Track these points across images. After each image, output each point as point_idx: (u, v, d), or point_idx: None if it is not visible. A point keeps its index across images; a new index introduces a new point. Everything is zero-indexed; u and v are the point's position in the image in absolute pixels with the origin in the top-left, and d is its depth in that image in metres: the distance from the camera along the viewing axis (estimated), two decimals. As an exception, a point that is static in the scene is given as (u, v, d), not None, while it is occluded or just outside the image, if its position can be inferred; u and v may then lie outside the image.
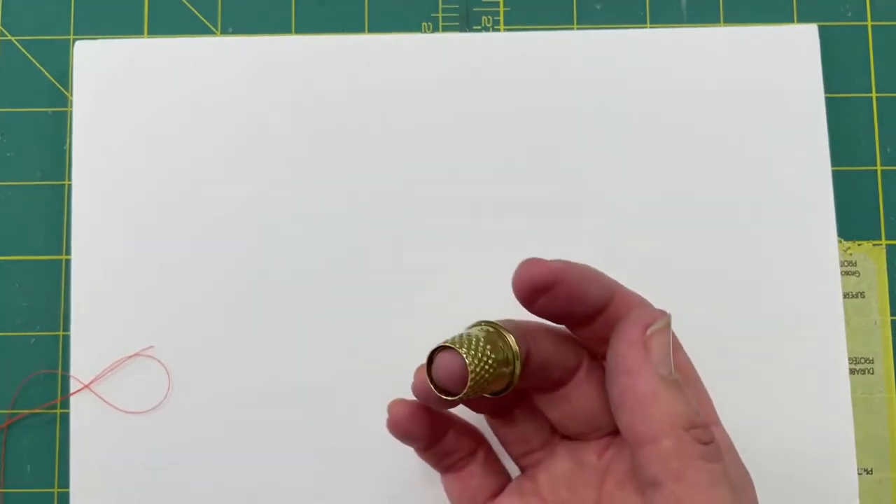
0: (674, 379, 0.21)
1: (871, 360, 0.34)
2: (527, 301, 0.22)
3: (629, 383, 0.21)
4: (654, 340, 0.21)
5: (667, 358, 0.21)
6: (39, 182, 0.36)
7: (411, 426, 0.25)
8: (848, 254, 0.35)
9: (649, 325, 0.21)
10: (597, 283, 0.22)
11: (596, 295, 0.22)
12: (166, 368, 0.33)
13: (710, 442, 0.20)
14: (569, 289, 0.21)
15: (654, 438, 0.20)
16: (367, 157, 0.35)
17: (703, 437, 0.20)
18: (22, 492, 0.34)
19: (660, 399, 0.20)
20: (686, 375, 0.23)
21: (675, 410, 0.20)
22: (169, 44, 0.36)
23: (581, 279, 0.22)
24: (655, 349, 0.21)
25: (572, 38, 0.36)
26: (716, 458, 0.20)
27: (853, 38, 0.37)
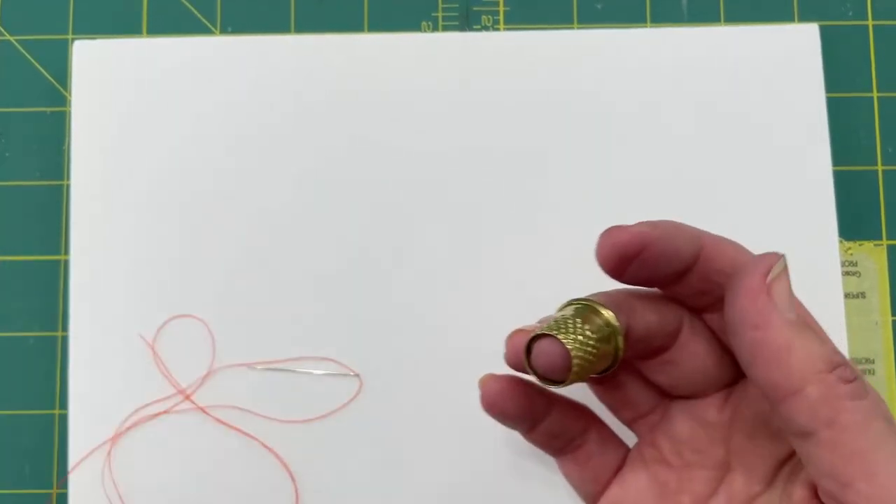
0: (802, 322, 0.20)
1: (872, 360, 0.34)
2: (616, 272, 0.21)
3: (759, 337, 0.19)
4: (777, 286, 0.20)
5: (791, 302, 0.20)
6: (38, 182, 0.36)
7: (507, 403, 0.23)
8: (849, 254, 0.35)
9: (767, 271, 0.20)
10: (683, 238, 0.21)
11: (685, 250, 0.21)
12: (167, 368, 0.33)
13: (855, 379, 0.19)
14: (658, 250, 0.20)
15: (798, 389, 0.19)
16: (367, 157, 0.35)
17: (847, 374, 0.19)
18: (21, 492, 0.34)
19: (794, 347, 0.19)
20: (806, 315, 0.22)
21: (813, 354, 0.19)
22: (168, 43, 0.36)
23: (667, 237, 0.21)
24: (779, 295, 0.20)
25: (572, 37, 0.36)
26: (863, 393, 0.19)
27: (854, 37, 0.37)
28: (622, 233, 0.20)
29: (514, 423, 0.24)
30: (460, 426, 0.33)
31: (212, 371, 0.33)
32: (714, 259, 0.21)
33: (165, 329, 0.34)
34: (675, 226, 0.21)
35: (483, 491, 0.33)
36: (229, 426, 0.33)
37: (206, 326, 0.34)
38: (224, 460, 0.33)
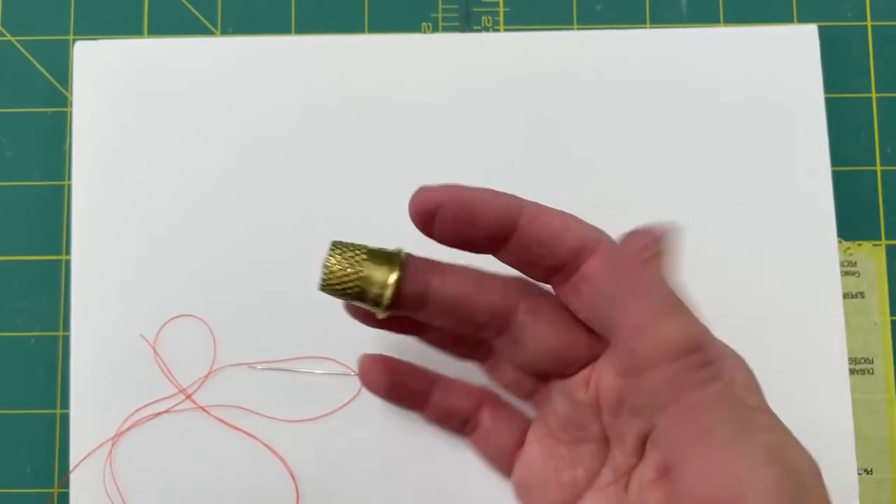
0: (668, 302, 0.20)
1: (870, 360, 0.34)
2: (422, 229, 0.23)
3: (618, 314, 0.20)
4: (649, 264, 0.21)
5: (660, 281, 0.21)
6: (39, 182, 0.36)
7: (379, 378, 0.25)
8: (848, 254, 0.35)
9: (643, 248, 0.21)
10: (492, 204, 0.22)
11: (491, 216, 0.22)
12: (168, 368, 0.33)
13: (708, 363, 0.20)
14: (454, 212, 0.22)
15: (646, 369, 0.20)
16: (367, 157, 0.35)
17: (699, 359, 0.20)
18: (23, 492, 0.34)
19: (650, 328, 0.20)
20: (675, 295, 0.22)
21: (667, 337, 0.20)
22: (169, 44, 0.36)
23: (469, 201, 0.22)
24: (649, 273, 0.21)
25: (572, 38, 0.36)
26: (712, 378, 0.20)
27: (853, 38, 0.37)
28: (421, 192, 0.22)
29: (393, 399, 0.26)
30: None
31: (212, 371, 0.33)
32: (533, 229, 0.22)
33: (166, 329, 0.34)
34: (487, 192, 0.22)
35: (483, 491, 0.33)
36: (230, 426, 0.33)
37: (207, 326, 0.34)
38: (224, 460, 0.33)
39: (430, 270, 0.23)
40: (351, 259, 0.23)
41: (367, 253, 0.23)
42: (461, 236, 0.22)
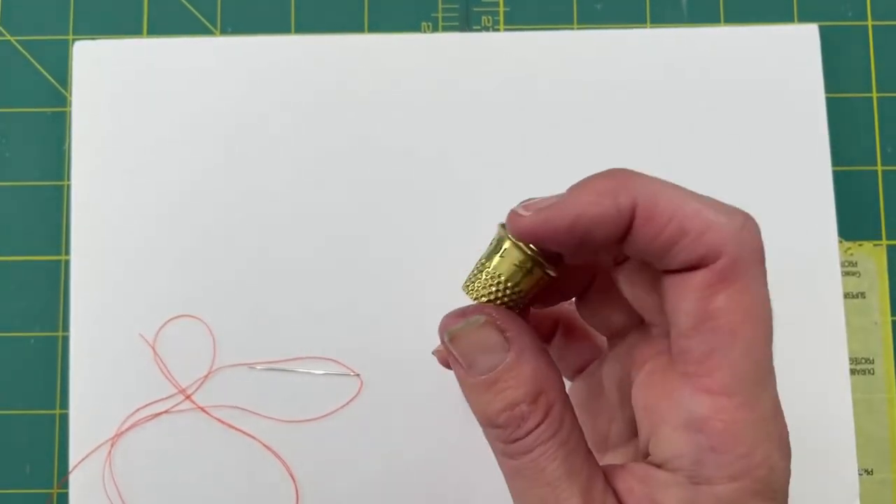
0: (477, 381, 0.20)
1: (871, 360, 0.34)
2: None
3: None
4: (453, 343, 0.21)
5: (470, 356, 0.21)
6: (39, 182, 0.36)
7: None
8: (848, 254, 0.35)
9: (446, 328, 0.21)
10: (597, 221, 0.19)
11: (602, 233, 0.19)
12: (167, 368, 0.33)
13: (516, 440, 0.20)
14: (558, 242, 0.20)
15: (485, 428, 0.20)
16: (367, 157, 0.35)
17: (505, 436, 0.20)
18: (22, 492, 0.34)
19: (470, 402, 0.20)
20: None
21: (478, 413, 0.20)
22: (168, 44, 0.36)
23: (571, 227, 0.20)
24: (456, 352, 0.21)
25: (572, 37, 0.36)
26: (517, 453, 0.20)
27: (854, 37, 0.37)
28: (513, 223, 0.21)
29: None
30: (460, 426, 0.33)
31: (212, 371, 0.33)
32: (643, 236, 0.19)
33: (166, 329, 0.34)
34: (591, 203, 0.20)
35: (483, 491, 0.33)
36: (229, 426, 0.33)
37: (207, 326, 0.34)
38: (224, 460, 0.33)
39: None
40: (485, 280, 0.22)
41: (486, 259, 0.22)
42: (577, 258, 0.22)
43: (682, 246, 0.19)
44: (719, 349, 0.19)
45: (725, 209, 0.20)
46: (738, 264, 0.19)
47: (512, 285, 0.21)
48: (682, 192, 0.20)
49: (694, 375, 0.19)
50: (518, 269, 0.21)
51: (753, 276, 0.19)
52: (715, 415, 0.18)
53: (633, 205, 0.19)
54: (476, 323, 0.21)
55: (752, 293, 0.19)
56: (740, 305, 0.19)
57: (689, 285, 0.19)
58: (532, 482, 0.20)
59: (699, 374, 0.19)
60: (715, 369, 0.19)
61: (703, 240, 0.19)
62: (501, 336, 0.21)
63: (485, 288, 0.21)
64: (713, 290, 0.19)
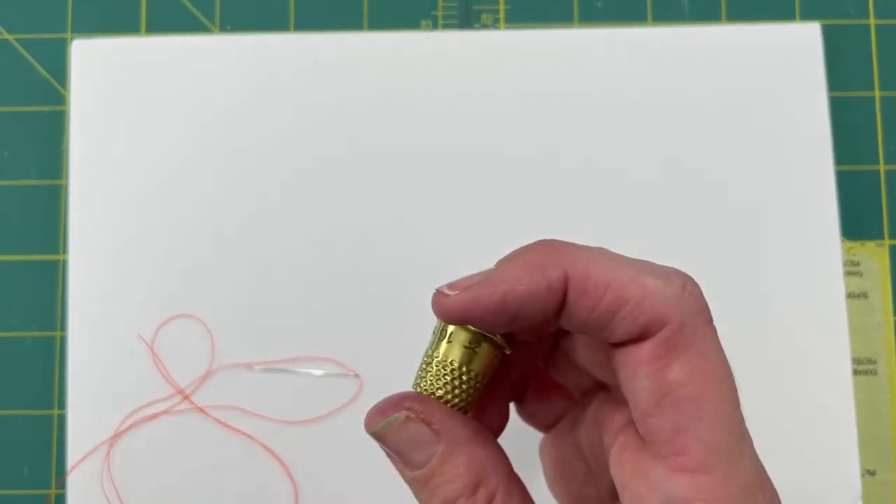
0: (414, 476, 0.20)
1: (874, 360, 0.34)
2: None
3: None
4: (381, 442, 0.20)
5: (401, 452, 0.20)
6: (36, 181, 0.36)
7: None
8: (851, 254, 0.35)
9: (369, 428, 0.20)
10: (526, 299, 0.18)
11: (532, 311, 0.19)
12: (166, 368, 0.33)
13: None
14: (486, 322, 0.19)
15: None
16: (367, 156, 0.35)
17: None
18: (20, 493, 0.34)
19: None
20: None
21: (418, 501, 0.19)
22: (166, 42, 0.35)
23: (500, 306, 0.19)
24: (387, 449, 0.20)
25: (573, 36, 0.36)
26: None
27: (856, 36, 0.36)
28: (437, 305, 0.19)
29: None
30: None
31: (211, 371, 0.33)
32: (579, 309, 0.19)
33: (164, 329, 0.34)
34: (519, 281, 0.19)
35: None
36: (228, 426, 0.33)
37: (206, 326, 0.34)
38: (223, 460, 0.33)
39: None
40: (435, 374, 0.20)
41: (433, 348, 0.21)
42: (509, 332, 0.20)
43: (622, 316, 0.18)
44: (687, 424, 0.17)
45: (662, 272, 0.19)
46: (686, 329, 0.18)
47: (466, 370, 0.20)
48: (615, 258, 0.19)
49: (667, 455, 0.18)
50: (468, 350, 0.20)
51: (704, 339, 0.18)
52: (696, 495, 0.17)
53: (564, 277, 0.18)
54: (397, 420, 0.20)
55: (706, 357, 0.18)
56: (698, 373, 0.18)
57: (639, 359, 0.18)
58: None
59: (672, 453, 0.17)
60: (687, 446, 0.17)
61: (644, 307, 0.18)
62: (428, 429, 0.19)
63: (438, 379, 0.20)
64: (665, 361, 0.18)
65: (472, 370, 0.20)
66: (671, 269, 0.19)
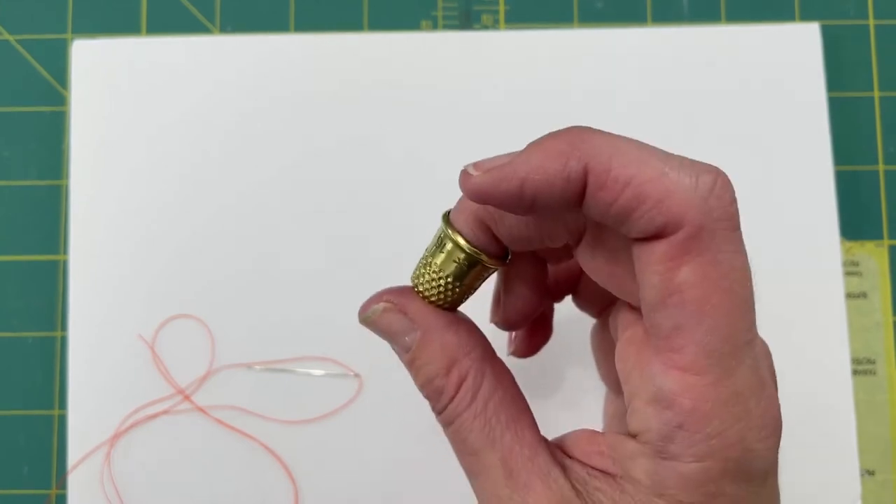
0: (404, 359, 0.22)
1: (873, 360, 0.34)
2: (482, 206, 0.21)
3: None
4: (370, 327, 0.22)
5: (390, 338, 0.22)
6: (36, 182, 0.36)
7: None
8: (850, 254, 0.35)
9: (359, 315, 0.23)
10: (545, 187, 0.18)
11: (551, 198, 0.18)
12: (166, 368, 0.33)
13: (440, 412, 0.21)
14: (507, 205, 0.19)
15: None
16: (367, 156, 0.35)
17: (433, 408, 0.21)
18: (20, 493, 0.34)
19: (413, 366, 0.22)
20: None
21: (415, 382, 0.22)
22: (167, 42, 0.35)
23: (519, 190, 0.19)
24: (377, 333, 0.22)
25: (573, 36, 0.36)
26: (445, 424, 0.21)
27: (855, 36, 0.36)
28: (463, 184, 0.20)
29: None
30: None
31: (211, 371, 0.33)
32: (598, 202, 0.18)
33: (165, 329, 0.34)
34: (538, 168, 0.19)
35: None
36: (229, 426, 0.33)
37: (206, 327, 0.34)
38: (224, 460, 0.33)
39: (483, 229, 0.21)
40: (428, 277, 0.22)
41: (430, 254, 0.22)
42: (524, 216, 0.20)
43: (639, 215, 0.18)
44: (686, 325, 0.17)
45: (693, 170, 0.18)
46: (703, 233, 0.17)
47: (455, 282, 0.22)
48: (645, 152, 0.18)
49: (664, 350, 0.18)
50: (460, 265, 0.21)
51: (723, 245, 0.18)
52: (683, 392, 0.17)
53: (584, 169, 0.18)
54: (376, 312, 0.22)
55: (720, 264, 0.18)
56: (707, 278, 0.17)
57: (652, 257, 0.18)
58: (460, 451, 0.21)
59: (668, 349, 0.18)
60: (683, 346, 0.18)
61: (662, 208, 0.17)
62: (404, 317, 0.22)
63: (430, 284, 0.22)
64: (676, 262, 0.17)
65: (464, 283, 0.22)
66: (704, 167, 0.18)
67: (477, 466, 0.20)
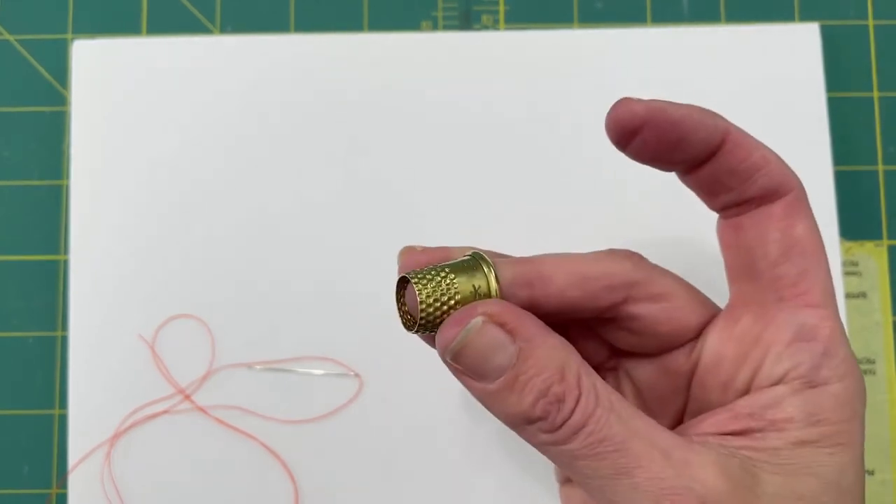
0: (496, 387, 0.20)
1: (872, 360, 0.34)
2: (616, 143, 0.22)
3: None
4: (459, 360, 0.20)
5: (480, 364, 0.20)
6: (37, 182, 0.36)
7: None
8: (850, 254, 0.35)
9: (447, 345, 0.20)
10: (701, 127, 0.22)
11: (699, 140, 0.22)
12: (166, 368, 0.33)
13: (557, 428, 0.19)
14: (659, 133, 0.21)
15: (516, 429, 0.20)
16: (367, 156, 0.35)
17: (547, 426, 0.19)
18: (20, 492, 0.34)
19: (495, 411, 0.20)
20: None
21: (507, 415, 0.20)
22: (167, 43, 0.36)
23: (677, 123, 0.21)
24: (464, 367, 0.20)
25: (573, 36, 0.36)
26: (563, 440, 0.19)
27: (855, 36, 0.37)
28: (625, 106, 0.22)
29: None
30: (460, 426, 0.33)
31: (211, 371, 0.33)
32: (732, 157, 0.22)
33: (165, 329, 0.34)
34: (694, 111, 0.22)
35: (483, 491, 0.33)
36: (229, 426, 0.33)
37: (206, 326, 0.34)
38: (224, 460, 0.33)
39: (526, 284, 0.21)
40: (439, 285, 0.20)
41: (452, 269, 0.21)
42: (659, 156, 0.22)
43: (764, 172, 0.21)
44: (810, 270, 0.21)
45: None
46: (804, 197, 0.22)
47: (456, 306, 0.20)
48: None
49: (792, 297, 0.21)
50: (474, 294, 0.20)
51: (811, 209, 0.22)
52: (821, 322, 0.21)
53: (726, 129, 0.22)
54: (476, 326, 0.20)
55: (815, 223, 0.22)
56: (815, 232, 0.22)
57: (772, 215, 0.22)
58: (600, 458, 0.19)
59: (797, 293, 0.21)
60: (810, 287, 0.21)
61: (780, 171, 0.22)
62: (503, 330, 0.20)
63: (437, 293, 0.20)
64: (794, 219, 0.22)
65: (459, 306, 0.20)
66: None
67: (627, 461, 0.19)
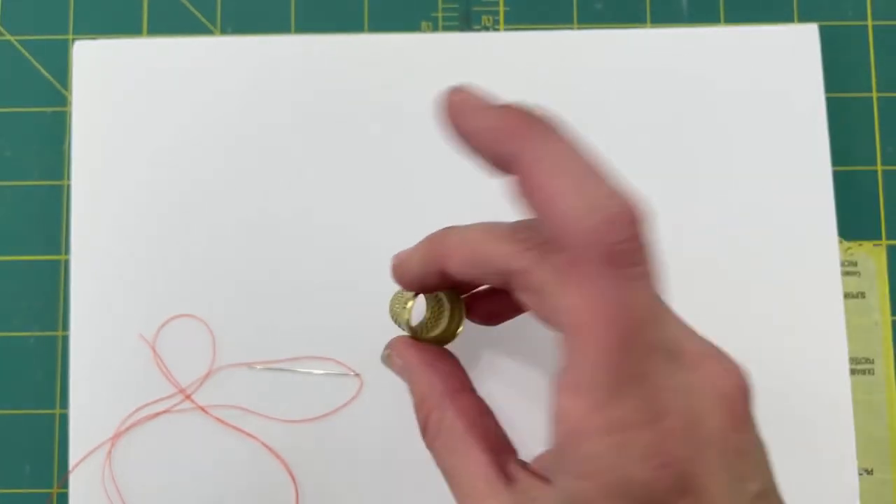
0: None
1: (871, 360, 0.34)
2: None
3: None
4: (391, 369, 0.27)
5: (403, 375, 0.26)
6: (38, 182, 0.36)
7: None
8: (848, 254, 0.35)
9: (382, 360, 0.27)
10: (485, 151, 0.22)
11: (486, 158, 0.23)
12: (167, 368, 0.33)
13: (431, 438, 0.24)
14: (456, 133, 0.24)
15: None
16: (367, 157, 0.35)
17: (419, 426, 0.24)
18: (21, 492, 0.34)
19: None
20: None
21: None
22: (168, 43, 0.36)
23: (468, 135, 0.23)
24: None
25: (573, 37, 0.36)
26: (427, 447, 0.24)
27: (854, 37, 0.37)
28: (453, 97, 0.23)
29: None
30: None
31: (212, 371, 0.33)
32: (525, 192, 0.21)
33: (165, 329, 0.34)
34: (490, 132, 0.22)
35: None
36: (229, 426, 0.33)
37: (207, 326, 0.34)
38: (224, 460, 0.33)
39: (433, 261, 0.26)
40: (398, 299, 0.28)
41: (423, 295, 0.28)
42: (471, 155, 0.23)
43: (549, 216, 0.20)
44: (568, 348, 0.18)
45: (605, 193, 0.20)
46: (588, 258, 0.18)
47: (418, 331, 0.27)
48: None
49: (559, 368, 0.19)
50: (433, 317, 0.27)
51: (609, 277, 0.18)
52: (564, 412, 0.18)
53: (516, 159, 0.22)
54: (385, 355, 0.27)
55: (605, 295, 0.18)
56: (589, 306, 0.18)
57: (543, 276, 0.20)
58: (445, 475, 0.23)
59: (559, 367, 0.18)
60: (568, 367, 0.18)
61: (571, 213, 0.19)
62: (398, 359, 0.26)
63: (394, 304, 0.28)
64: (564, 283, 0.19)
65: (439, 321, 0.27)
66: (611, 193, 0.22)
67: (453, 487, 0.23)
